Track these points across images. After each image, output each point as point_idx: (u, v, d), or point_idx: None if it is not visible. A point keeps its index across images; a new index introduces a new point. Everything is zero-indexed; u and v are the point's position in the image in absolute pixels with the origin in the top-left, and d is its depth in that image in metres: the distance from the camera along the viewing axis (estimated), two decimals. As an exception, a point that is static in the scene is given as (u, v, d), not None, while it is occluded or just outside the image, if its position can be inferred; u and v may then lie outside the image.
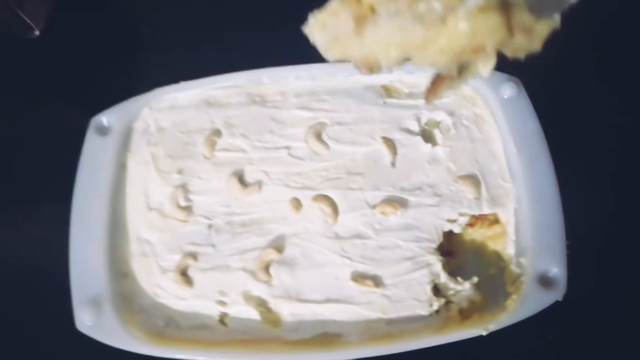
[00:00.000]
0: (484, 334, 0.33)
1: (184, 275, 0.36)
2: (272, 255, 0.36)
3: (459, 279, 0.35)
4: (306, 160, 0.39)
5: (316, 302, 0.35)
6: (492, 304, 0.35)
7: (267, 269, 0.36)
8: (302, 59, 0.40)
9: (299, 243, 0.36)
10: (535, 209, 0.35)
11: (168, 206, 0.38)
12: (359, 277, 0.35)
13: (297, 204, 0.37)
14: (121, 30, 0.51)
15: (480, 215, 0.37)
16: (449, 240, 0.37)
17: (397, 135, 0.39)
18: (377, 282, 0.35)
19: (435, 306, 0.35)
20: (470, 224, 0.37)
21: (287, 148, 0.39)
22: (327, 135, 0.39)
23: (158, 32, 0.51)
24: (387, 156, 0.38)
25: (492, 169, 0.38)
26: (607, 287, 0.39)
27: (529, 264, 0.34)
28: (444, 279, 0.35)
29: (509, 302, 0.34)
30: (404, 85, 0.41)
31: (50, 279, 0.37)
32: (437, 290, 0.35)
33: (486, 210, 0.37)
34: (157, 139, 0.40)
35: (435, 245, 0.36)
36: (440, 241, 0.36)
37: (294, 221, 0.37)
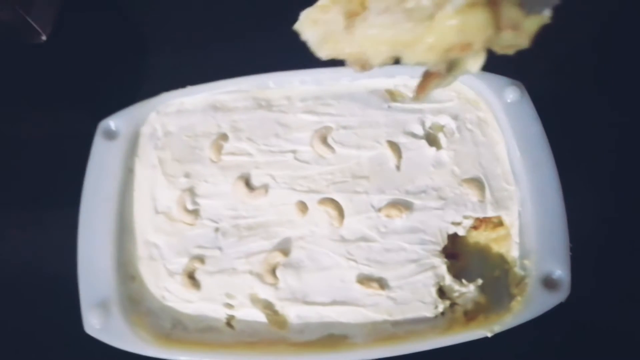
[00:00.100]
0: (489, 336, 0.33)
1: (191, 278, 0.36)
2: (279, 258, 0.36)
3: (463, 281, 0.35)
4: (312, 163, 0.39)
5: (322, 304, 0.35)
6: (496, 306, 0.35)
7: (273, 271, 0.36)
8: (307, 63, 0.40)
9: (305, 246, 0.37)
10: (538, 211, 0.36)
11: (175, 210, 0.38)
12: (364, 280, 0.35)
13: (303, 207, 0.37)
14: (128, 35, 0.52)
15: (484, 217, 0.37)
16: (454, 242, 0.37)
17: (401, 139, 0.39)
18: (382, 284, 0.35)
19: (441, 308, 0.35)
20: (475, 227, 0.37)
21: (293, 152, 0.39)
22: (332, 139, 0.39)
23: (164, 36, 0.51)
24: (392, 160, 0.38)
25: (496, 172, 0.38)
26: (610, 288, 0.39)
27: (533, 266, 0.34)
28: (449, 281, 0.35)
29: (513, 303, 0.34)
30: (408, 89, 0.41)
31: (59, 283, 0.37)
32: (442, 292, 0.35)
33: (490, 213, 0.37)
34: (164, 143, 0.41)
35: (440, 248, 0.36)
36: (445, 244, 0.36)
37: (300, 224, 0.37)
